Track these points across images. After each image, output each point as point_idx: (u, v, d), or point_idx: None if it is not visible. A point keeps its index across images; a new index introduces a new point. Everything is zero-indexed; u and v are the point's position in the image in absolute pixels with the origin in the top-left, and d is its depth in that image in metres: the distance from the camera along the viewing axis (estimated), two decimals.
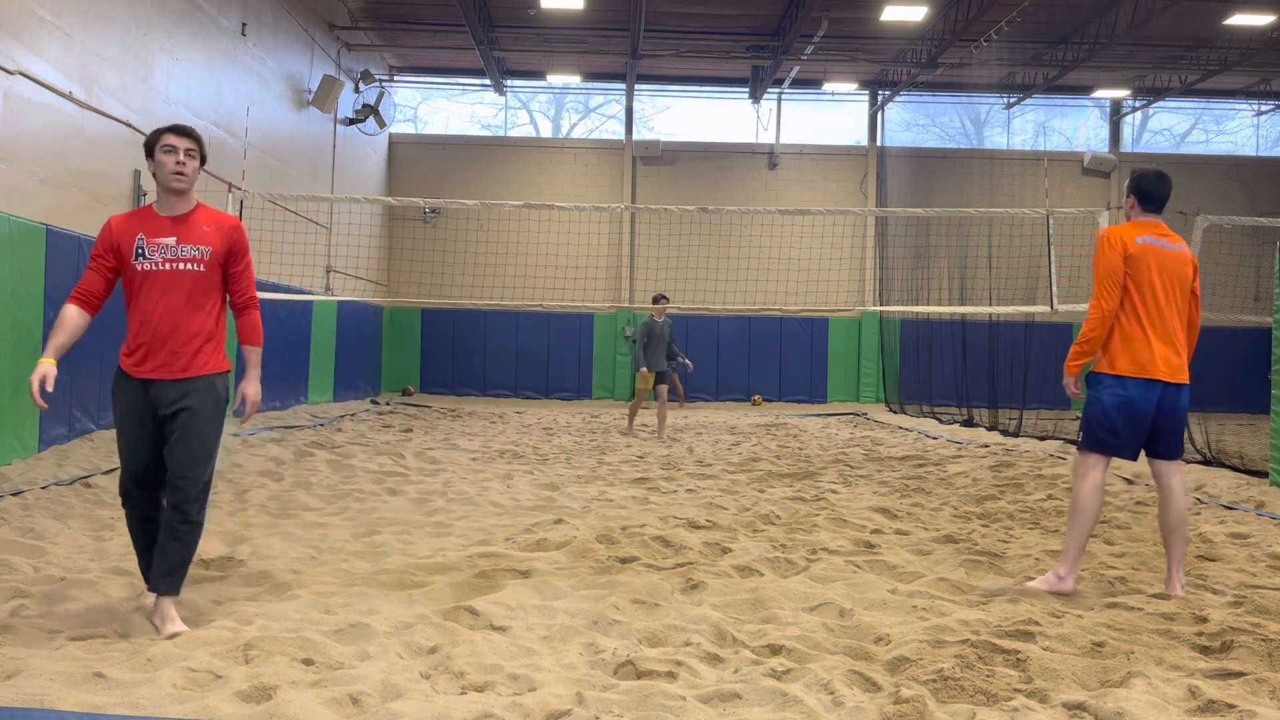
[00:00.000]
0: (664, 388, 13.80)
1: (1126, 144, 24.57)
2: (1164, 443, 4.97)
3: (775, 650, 3.90)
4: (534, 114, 25.26)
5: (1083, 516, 4.87)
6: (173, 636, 3.93)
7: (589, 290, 19.67)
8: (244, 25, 14.50)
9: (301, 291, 15.61)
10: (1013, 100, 23.20)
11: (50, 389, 4.00)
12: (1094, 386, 4.99)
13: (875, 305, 22.00)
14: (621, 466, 10.10)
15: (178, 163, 4.15)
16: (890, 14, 18.28)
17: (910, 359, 19.89)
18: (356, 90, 20.17)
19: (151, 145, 4.18)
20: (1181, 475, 5.04)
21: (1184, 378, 4.96)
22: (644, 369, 13.48)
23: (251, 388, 4.34)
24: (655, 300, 13.66)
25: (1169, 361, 4.91)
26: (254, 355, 4.37)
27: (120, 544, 5.56)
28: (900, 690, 3.39)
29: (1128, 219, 5.18)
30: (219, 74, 13.86)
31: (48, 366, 4.03)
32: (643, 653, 3.81)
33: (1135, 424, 4.89)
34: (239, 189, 11.26)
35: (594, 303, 20.00)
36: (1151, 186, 5.07)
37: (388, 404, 19.48)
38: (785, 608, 4.51)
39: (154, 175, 4.19)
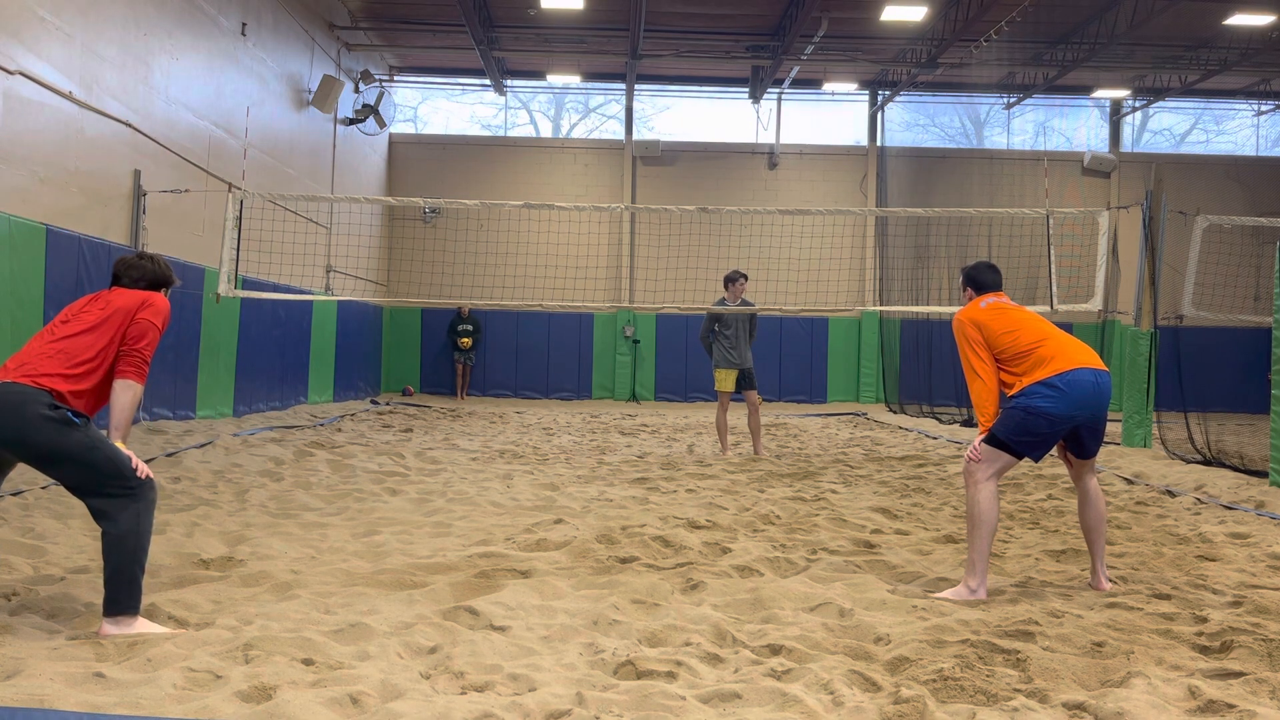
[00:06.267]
0: (753, 393, 11.35)
1: (1126, 144, 24.55)
2: (1089, 443, 5.04)
3: (775, 650, 3.90)
4: (534, 114, 25.25)
5: (986, 526, 4.90)
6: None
7: (589, 290, 19.64)
8: (244, 25, 14.50)
9: (301, 291, 15.61)
10: (1013, 100, 23.19)
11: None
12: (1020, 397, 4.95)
13: (875, 305, 21.98)
14: (621, 466, 10.10)
15: None
16: (890, 14, 18.27)
17: (910, 359, 19.88)
18: (356, 90, 20.17)
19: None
20: (1096, 477, 5.17)
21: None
22: (718, 367, 11.30)
23: None
24: (726, 282, 11.37)
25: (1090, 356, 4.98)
26: None
27: None
28: (900, 690, 3.39)
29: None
30: (219, 74, 13.86)
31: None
32: (643, 653, 3.81)
33: (1057, 427, 4.90)
34: (239, 189, 11.26)
35: (594, 303, 19.96)
36: (983, 275, 5.30)
37: (388, 404, 19.48)
38: (785, 608, 4.51)
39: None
